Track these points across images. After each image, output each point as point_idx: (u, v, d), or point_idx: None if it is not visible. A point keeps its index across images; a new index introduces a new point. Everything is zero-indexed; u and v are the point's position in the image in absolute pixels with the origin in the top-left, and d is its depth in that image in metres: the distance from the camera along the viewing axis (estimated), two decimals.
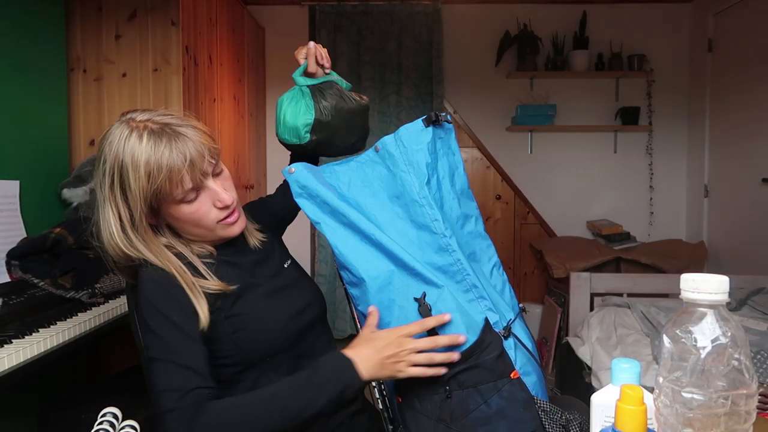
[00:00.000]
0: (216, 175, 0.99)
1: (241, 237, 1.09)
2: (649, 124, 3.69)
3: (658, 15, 3.68)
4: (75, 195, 1.95)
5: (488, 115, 3.74)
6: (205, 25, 2.53)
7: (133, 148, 0.90)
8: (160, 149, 0.90)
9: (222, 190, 0.98)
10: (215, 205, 0.98)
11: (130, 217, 0.93)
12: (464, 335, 0.89)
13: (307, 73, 1.21)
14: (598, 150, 3.77)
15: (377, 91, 3.68)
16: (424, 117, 0.95)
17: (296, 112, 1.17)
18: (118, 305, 1.63)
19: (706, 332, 0.54)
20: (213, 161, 0.97)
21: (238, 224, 1.03)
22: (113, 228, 0.93)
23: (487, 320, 0.91)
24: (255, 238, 1.11)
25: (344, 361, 0.89)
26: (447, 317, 0.89)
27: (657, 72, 3.66)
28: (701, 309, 0.56)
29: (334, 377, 0.87)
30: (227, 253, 1.04)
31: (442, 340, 0.88)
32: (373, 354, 0.89)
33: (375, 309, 0.94)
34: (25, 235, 1.74)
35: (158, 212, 0.97)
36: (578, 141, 3.76)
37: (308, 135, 1.17)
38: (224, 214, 0.99)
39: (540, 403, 0.90)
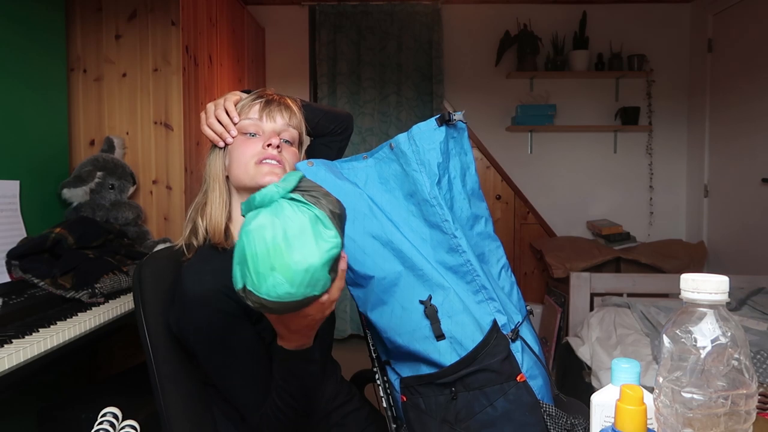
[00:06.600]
0: (285, 141, 1.05)
1: None
2: (649, 124, 3.70)
3: (658, 15, 3.68)
4: (75, 195, 1.95)
5: (488, 115, 3.74)
6: (205, 25, 2.53)
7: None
8: (259, 94, 1.07)
9: (276, 137, 1.03)
10: (263, 145, 1.01)
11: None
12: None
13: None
14: (598, 150, 3.77)
15: (377, 91, 3.68)
16: (437, 116, 0.95)
17: (305, 237, 0.67)
18: (118, 305, 1.63)
19: (706, 332, 0.54)
20: (291, 128, 1.06)
21: (271, 177, 1.00)
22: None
23: (495, 322, 0.90)
24: None
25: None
26: None
27: (657, 72, 3.66)
28: (701, 309, 0.56)
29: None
30: None
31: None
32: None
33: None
34: (25, 235, 1.74)
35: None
36: (578, 141, 3.76)
37: (329, 275, 0.71)
38: (265, 153, 1.01)
39: (545, 407, 0.89)
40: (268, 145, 1.01)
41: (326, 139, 1.22)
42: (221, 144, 1.05)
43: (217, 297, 0.90)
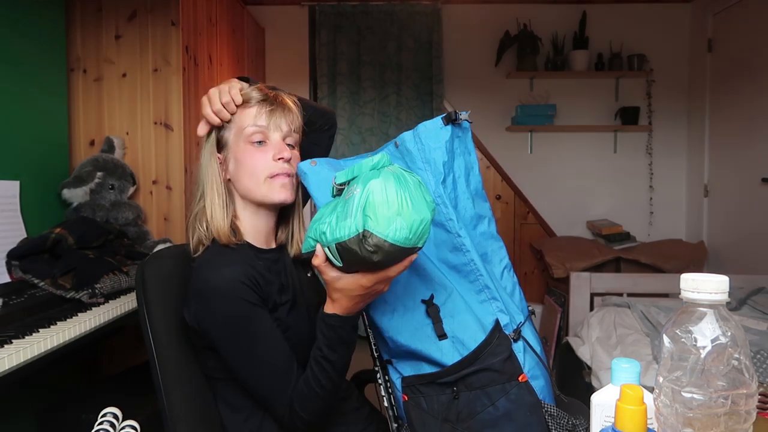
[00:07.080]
0: (288, 145, 1.05)
1: (284, 247, 1.11)
2: (649, 124, 3.69)
3: (658, 15, 3.68)
4: (75, 195, 1.95)
5: (488, 115, 3.74)
6: (205, 25, 2.53)
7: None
8: (258, 91, 1.04)
9: (286, 147, 1.02)
10: (273, 157, 1.01)
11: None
12: None
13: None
14: (598, 150, 3.77)
15: (377, 91, 3.68)
16: (443, 115, 0.95)
17: (419, 195, 0.79)
18: (118, 305, 1.63)
19: (706, 332, 0.54)
20: (294, 132, 1.06)
21: (285, 193, 1.03)
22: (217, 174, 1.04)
23: (497, 321, 0.90)
24: (297, 247, 1.10)
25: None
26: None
27: (657, 72, 3.66)
28: (701, 309, 0.56)
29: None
30: (270, 258, 1.06)
31: None
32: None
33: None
34: (25, 235, 1.74)
35: (228, 150, 1.04)
36: (578, 141, 3.76)
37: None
38: (277, 169, 1.01)
39: (547, 407, 0.89)
40: (279, 158, 1.01)
41: (314, 136, 1.21)
42: (218, 122, 1.03)
43: (236, 286, 0.91)
